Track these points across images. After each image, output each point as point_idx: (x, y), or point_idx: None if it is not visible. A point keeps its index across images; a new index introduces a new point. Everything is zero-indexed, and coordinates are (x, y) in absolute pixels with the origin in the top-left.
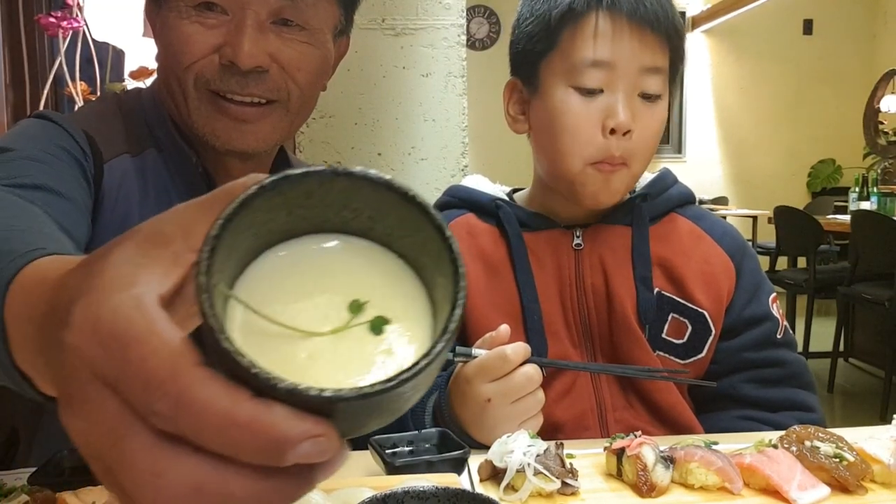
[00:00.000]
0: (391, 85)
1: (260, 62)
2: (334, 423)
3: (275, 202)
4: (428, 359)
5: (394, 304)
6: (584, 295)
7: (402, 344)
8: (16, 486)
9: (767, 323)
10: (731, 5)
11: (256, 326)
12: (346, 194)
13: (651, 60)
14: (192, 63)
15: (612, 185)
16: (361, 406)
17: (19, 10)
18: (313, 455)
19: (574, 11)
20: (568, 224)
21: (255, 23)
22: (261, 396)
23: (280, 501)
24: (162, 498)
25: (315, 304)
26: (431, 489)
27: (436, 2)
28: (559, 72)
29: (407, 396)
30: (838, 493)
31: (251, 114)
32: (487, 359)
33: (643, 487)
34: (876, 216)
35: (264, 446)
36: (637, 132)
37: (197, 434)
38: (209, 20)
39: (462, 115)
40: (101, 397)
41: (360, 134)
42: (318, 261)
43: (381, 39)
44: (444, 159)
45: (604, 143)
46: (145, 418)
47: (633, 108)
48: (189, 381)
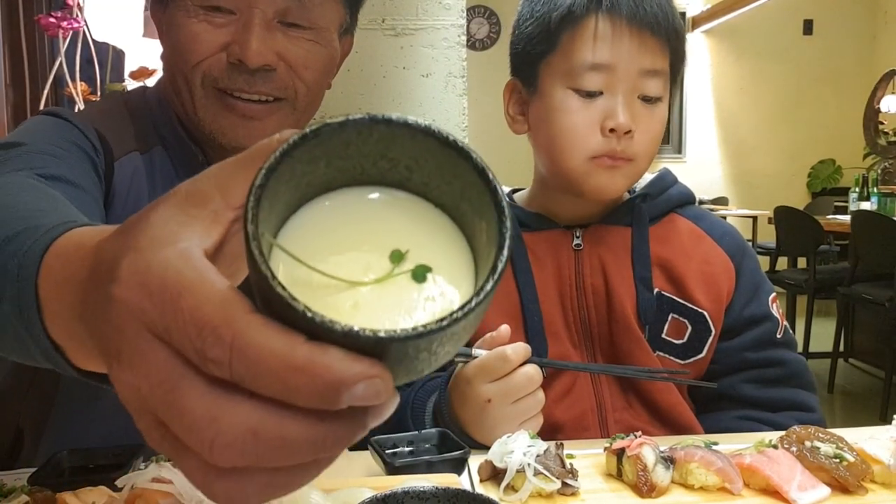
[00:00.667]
0: (391, 85)
1: (268, 61)
2: (388, 366)
3: (315, 153)
4: (479, 297)
5: (434, 252)
6: (584, 295)
7: (446, 290)
8: (16, 487)
9: (767, 323)
10: (732, 5)
11: (300, 278)
12: (384, 143)
13: (651, 63)
14: (199, 61)
15: (616, 179)
16: (415, 347)
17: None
18: (368, 397)
19: (573, 14)
20: (568, 224)
21: (263, 21)
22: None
23: (333, 445)
24: (219, 443)
25: (356, 255)
26: (431, 489)
27: (436, 2)
28: (559, 73)
29: (458, 337)
30: (838, 494)
31: (258, 111)
32: (488, 359)
33: (643, 488)
34: (876, 216)
35: (320, 389)
36: (638, 134)
37: (252, 379)
38: (217, 19)
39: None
40: (152, 348)
41: None
42: (358, 212)
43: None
44: None
45: (603, 140)
46: (199, 366)
47: (633, 110)
48: (243, 325)
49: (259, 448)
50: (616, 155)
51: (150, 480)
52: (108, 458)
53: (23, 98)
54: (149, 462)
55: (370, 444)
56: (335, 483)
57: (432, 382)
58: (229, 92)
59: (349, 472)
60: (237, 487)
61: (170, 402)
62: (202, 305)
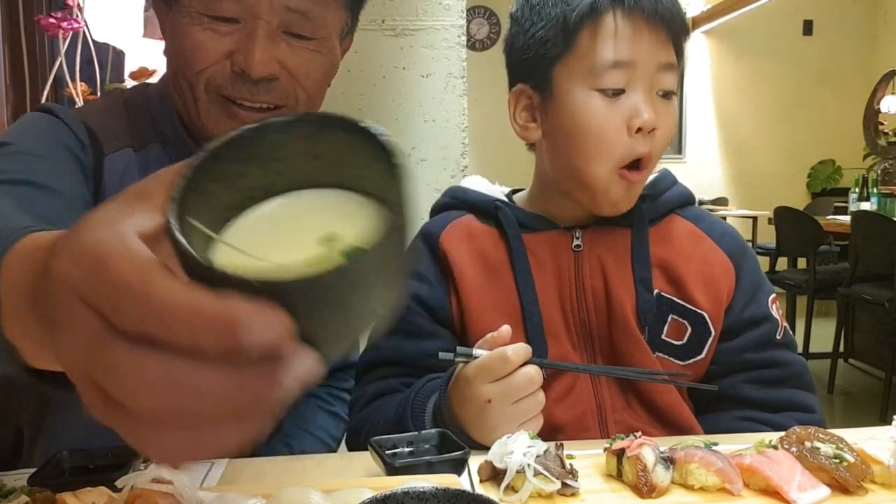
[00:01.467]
0: (391, 86)
1: (271, 71)
2: (293, 312)
3: (243, 154)
4: (379, 236)
5: (367, 235)
6: (584, 296)
7: None
8: (15, 487)
9: (767, 324)
10: (732, 6)
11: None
12: (310, 141)
13: (667, 57)
14: (203, 68)
15: (633, 194)
16: (316, 291)
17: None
18: (267, 339)
19: (594, 11)
20: (567, 225)
21: (267, 32)
22: None
23: (246, 399)
24: (140, 390)
25: (289, 242)
26: (431, 490)
27: (436, 3)
28: (578, 75)
29: (369, 282)
30: (838, 494)
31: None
32: (488, 359)
33: (643, 488)
34: (876, 217)
35: (220, 331)
36: (660, 131)
37: (166, 330)
38: (221, 27)
39: (462, 115)
40: (81, 312)
41: None
42: (293, 209)
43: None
44: (445, 160)
45: (630, 142)
46: (119, 325)
47: (655, 106)
48: (156, 283)
49: (175, 393)
50: (642, 157)
51: (150, 481)
52: (108, 459)
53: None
54: (149, 463)
55: (370, 445)
56: (335, 483)
57: (432, 383)
58: (232, 99)
59: (349, 473)
60: (167, 440)
61: (98, 360)
62: (122, 269)
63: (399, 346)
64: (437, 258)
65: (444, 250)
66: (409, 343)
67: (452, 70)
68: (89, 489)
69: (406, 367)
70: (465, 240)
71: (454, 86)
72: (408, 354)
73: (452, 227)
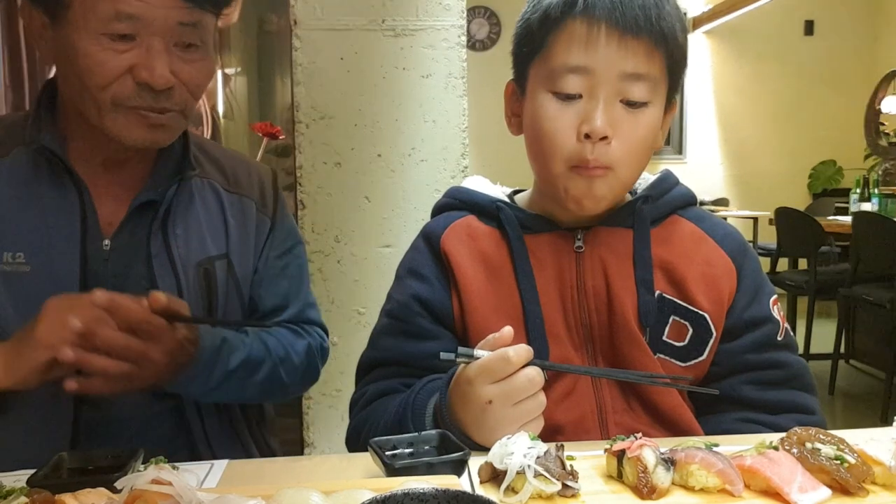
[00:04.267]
0: (391, 86)
1: (170, 82)
2: None
3: None
4: None
5: None
6: (585, 297)
7: None
8: (15, 488)
9: (768, 325)
10: (732, 6)
11: None
12: None
13: (633, 66)
14: (107, 84)
15: (596, 190)
16: None
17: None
18: None
19: (550, 17)
20: (569, 226)
21: (164, 46)
22: None
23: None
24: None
25: None
26: (431, 491)
27: (436, 3)
28: (541, 76)
29: None
30: (839, 496)
31: (164, 119)
32: (490, 360)
33: (643, 489)
34: (877, 217)
35: None
36: (618, 139)
37: None
38: (119, 46)
39: (462, 116)
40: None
41: (360, 135)
42: None
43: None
44: (445, 160)
45: (579, 147)
46: None
47: (613, 114)
48: None
49: None
50: (589, 164)
51: (149, 482)
52: (107, 460)
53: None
54: (148, 464)
55: (370, 446)
56: (335, 485)
57: (433, 384)
58: (138, 108)
59: (349, 474)
60: None
61: None
62: None
63: (399, 346)
64: (438, 258)
65: (446, 250)
66: (409, 343)
67: (453, 70)
68: (88, 490)
69: (406, 368)
70: (466, 240)
71: (454, 86)
72: (408, 354)
73: (454, 227)
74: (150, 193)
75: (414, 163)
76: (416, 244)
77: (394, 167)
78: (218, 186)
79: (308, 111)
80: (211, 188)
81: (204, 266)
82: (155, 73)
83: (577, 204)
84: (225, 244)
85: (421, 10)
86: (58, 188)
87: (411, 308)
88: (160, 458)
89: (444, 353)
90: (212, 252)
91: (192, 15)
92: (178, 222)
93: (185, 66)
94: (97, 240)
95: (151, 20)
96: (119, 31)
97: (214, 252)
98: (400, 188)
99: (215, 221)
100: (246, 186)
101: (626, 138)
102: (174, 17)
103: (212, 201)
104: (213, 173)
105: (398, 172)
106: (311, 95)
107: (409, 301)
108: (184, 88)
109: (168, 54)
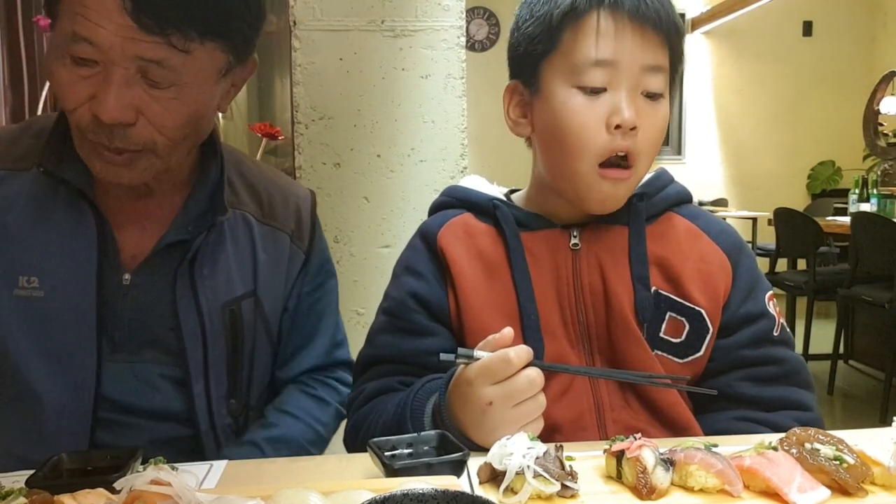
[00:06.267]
0: (390, 86)
1: (123, 118)
2: None
3: None
4: None
5: None
6: (582, 294)
7: None
8: (14, 489)
9: (764, 320)
10: (731, 7)
11: None
12: None
13: (653, 59)
14: (72, 109)
15: (620, 192)
16: None
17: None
18: None
19: (576, 10)
20: (565, 224)
21: (122, 77)
22: None
23: None
24: None
25: None
26: (430, 491)
27: (435, 3)
28: (561, 72)
29: None
30: (838, 496)
31: (120, 160)
32: (490, 361)
33: (643, 490)
34: (876, 218)
35: None
36: (642, 131)
37: None
38: (82, 70)
39: (461, 116)
40: None
41: (359, 135)
42: None
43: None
44: (444, 161)
45: (609, 139)
46: None
47: (637, 106)
48: None
49: None
50: (622, 150)
51: (149, 483)
52: (107, 461)
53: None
54: (147, 464)
55: (369, 446)
56: (334, 485)
57: (432, 384)
58: (94, 143)
59: (348, 474)
60: None
61: None
62: None
63: (396, 344)
64: (434, 256)
65: (442, 248)
66: (406, 340)
67: (452, 71)
68: (88, 491)
69: (403, 365)
70: (462, 238)
71: (453, 87)
72: (405, 352)
73: (450, 225)
74: (179, 233)
75: (413, 163)
76: (413, 242)
77: (393, 167)
78: (251, 218)
79: (307, 112)
80: (243, 221)
81: (230, 307)
82: (104, 104)
83: (601, 205)
84: (253, 281)
85: (420, 10)
86: (76, 214)
87: (408, 305)
88: (159, 458)
89: (444, 353)
90: (238, 291)
91: (154, 51)
92: (206, 263)
93: (151, 103)
94: (117, 273)
95: (108, 47)
96: (78, 54)
97: (241, 291)
98: (399, 188)
99: (244, 257)
100: (281, 216)
101: (649, 130)
102: (132, 49)
103: (242, 235)
104: (247, 202)
105: (397, 173)
106: (310, 96)
107: (405, 298)
108: (149, 127)
109: (127, 87)
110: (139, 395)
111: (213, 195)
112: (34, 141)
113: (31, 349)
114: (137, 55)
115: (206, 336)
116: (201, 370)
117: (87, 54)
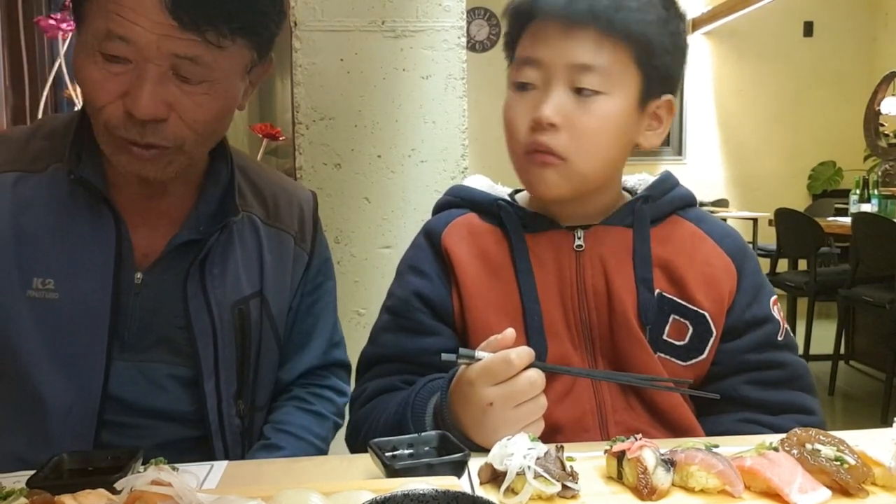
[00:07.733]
0: (391, 87)
1: (157, 114)
2: None
3: None
4: None
5: None
6: (585, 296)
7: None
8: (14, 489)
9: (768, 325)
10: (732, 7)
11: None
12: None
13: (580, 57)
14: (102, 106)
15: (548, 178)
16: None
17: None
18: None
19: (519, 14)
20: (569, 225)
21: (156, 74)
22: None
23: None
24: None
25: None
26: (431, 492)
27: (436, 4)
28: (510, 73)
29: None
30: (839, 497)
31: (151, 155)
32: (491, 362)
33: (643, 490)
34: (877, 218)
35: None
36: (570, 128)
37: None
38: (114, 67)
39: (462, 117)
40: None
41: (359, 136)
42: None
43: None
44: (444, 161)
45: (530, 134)
46: None
47: (564, 104)
48: None
49: None
50: (539, 147)
51: (149, 483)
52: (107, 461)
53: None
54: (147, 465)
55: (370, 447)
56: (335, 486)
57: (433, 384)
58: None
59: (349, 475)
60: None
61: None
62: None
63: (399, 343)
64: (438, 255)
65: (446, 247)
66: (409, 339)
67: (452, 71)
68: (88, 491)
69: (406, 364)
70: (466, 238)
71: (454, 87)
72: (408, 351)
73: (454, 224)
74: (191, 232)
75: (414, 164)
76: (417, 241)
77: (394, 168)
78: (257, 220)
79: (308, 112)
80: (250, 223)
81: (239, 307)
82: (138, 101)
83: (533, 190)
84: (259, 281)
85: (421, 11)
86: (94, 216)
87: (411, 304)
88: (160, 458)
89: (446, 353)
90: (246, 291)
91: (189, 48)
92: (217, 262)
93: (182, 99)
94: (130, 272)
95: (143, 45)
96: (111, 52)
97: (249, 291)
98: (400, 189)
99: (252, 258)
100: (286, 218)
101: (578, 128)
102: (168, 46)
103: (250, 237)
104: (254, 205)
105: (398, 173)
106: (311, 96)
107: (409, 297)
108: (181, 123)
109: (161, 84)
110: (146, 395)
111: (222, 196)
112: (46, 142)
113: (41, 351)
114: (173, 52)
115: (217, 335)
116: (212, 369)
117: (121, 52)
